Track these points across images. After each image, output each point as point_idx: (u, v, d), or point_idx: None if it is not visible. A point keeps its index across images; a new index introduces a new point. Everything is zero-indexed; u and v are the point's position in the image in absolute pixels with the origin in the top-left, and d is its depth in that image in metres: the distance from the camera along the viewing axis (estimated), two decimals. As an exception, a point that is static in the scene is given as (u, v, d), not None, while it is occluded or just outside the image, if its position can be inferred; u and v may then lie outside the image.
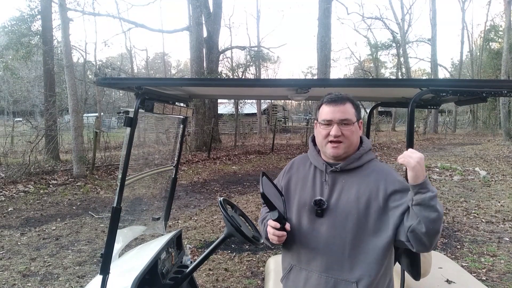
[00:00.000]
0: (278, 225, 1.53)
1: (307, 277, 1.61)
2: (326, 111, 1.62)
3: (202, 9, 16.16)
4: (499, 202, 7.30)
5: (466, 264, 4.36)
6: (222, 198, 2.14)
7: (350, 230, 1.54)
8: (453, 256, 4.62)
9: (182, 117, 2.52)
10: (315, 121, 1.71)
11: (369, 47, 37.28)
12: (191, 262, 2.60)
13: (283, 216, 1.56)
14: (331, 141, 1.60)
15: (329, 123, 1.60)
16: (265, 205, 1.83)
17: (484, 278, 4.00)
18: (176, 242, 2.63)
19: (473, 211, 6.66)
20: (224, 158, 14.32)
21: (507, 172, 10.71)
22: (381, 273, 1.56)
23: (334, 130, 1.58)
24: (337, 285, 1.55)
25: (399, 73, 35.40)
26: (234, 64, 25.51)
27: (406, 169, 1.41)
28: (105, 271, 1.71)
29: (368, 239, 1.54)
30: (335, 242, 1.56)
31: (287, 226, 1.57)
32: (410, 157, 1.39)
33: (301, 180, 1.73)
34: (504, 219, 6.16)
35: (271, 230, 1.57)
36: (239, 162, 13.71)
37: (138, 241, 4.37)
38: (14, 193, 8.06)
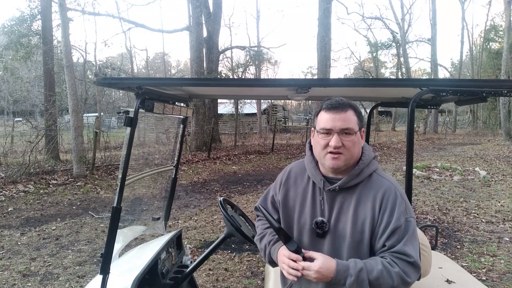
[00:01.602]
0: (300, 257, 1.40)
1: None
2: (325, 119, 1.47)
3: (202, 9, 16.16)
4: (499, 202, 7.30)
5: (466, 264, 4.36)
6: (222, 198, 2.14)
7: (346, 254, 1.47)
8: (453, 256, 4.61)
9: (182, 117, 2.52)
10: (312, 129, 1.56)
11: (369, 47, 37.28)
12: (191, 262, 2.60)
13: (299, 245, 1.44)
14: (330, 152, 1.45)
15: (328, 132, 1.45)
16: (260, 218, 1.78)
17: (484, 278, 4.00)
18: (176, 242, 2.63)
19: (473, 211, 6.66)
20: (224, 158, 14.32)
21: (507, 172, 10.71)
22: None
23: (334, 140, 1.43)
24: None
25: (399, 73, 35.40)
26: (234, 64, 25.51)
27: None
28: (105, 271, 1.71)
29: None
30: None
31: (307, 252, 1.44)
32: (308, 275, 1.37)
33: (300, 196, 1.61)
34: (504, 219, 6.16)
35: (290, 263, 1.43)
36: (239, 162, 13.71)
37: (138, 241, 4.37)
38: (14, 193, 8.05)
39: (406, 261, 1.39)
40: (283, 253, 1.46)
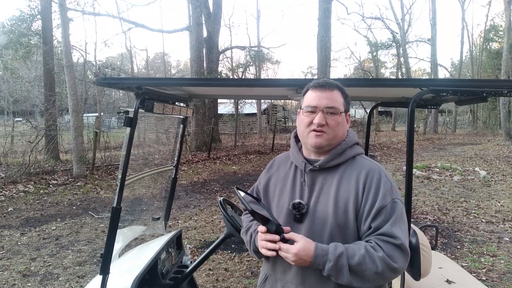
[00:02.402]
0: (277, 237, 1.32)
1: None
2: (311, 97, 1.43)
3: (202, 9, 16.16)
4: (499, 202, 7.30)
5: (466, 264, 4.36)
6: (222, 198, 2.14)
7: (327, 238, 1.38)
8: (453, 256, 4.61)
9: (182, 117, 2.52)
10: (299, 110, 1.52)
11: (369, 47, 37.27)
12: (191, 262, 2.60)
13: (279, 223, 1.36)
14: (314, 130, 1.41)
15: (313, 110, 1.42)
16: (247, 213, 1.70)
17: (484, 278, 4.00)
18: (176, 242, 2.63)
19: (473, 211, 6.66)
20: (224, 158, 14.32)
21: (507, 172, 10.71)
22: None
23: (318, 118, 1.40)
24: None
25: (399, 73, 35.39)
26: (234, 64, 25.50)
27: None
28: (105, 271, 1.71)
29: None
30: None
31: (288, 235, 1.34)
32: (286, 257, 1.31)
33: (281, 181, 1.56)
34: (504, 219, 6.16)
35: (268, 244, 1.34)
36: (239, 162, 13.71)
37: (138, 241, 4.37)
38: (14, 193, 8.05)
39: (392, 244, 1.30)
40: (260, 231, 1.37)
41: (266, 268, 1.56)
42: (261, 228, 1.35)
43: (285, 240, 1.33)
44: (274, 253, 1.34)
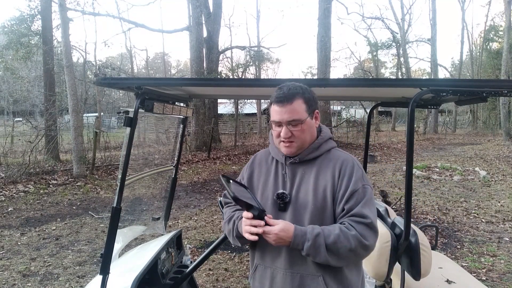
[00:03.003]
0: (262, 222, 1.42)
1: (272, 275, 1.58)
2: (275, 111, 1.55)
3: (202, 9, 16.16)
4: (499, 202, 7.30)
5: (466, 264, 4.36)
6: (222, 198, 2.13)
7: (309, 221, 1.51)
8: (453, 256, 4.61)
9: (182, 117, 2.52)
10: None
11: (369, 47, 37.27)
12: (191, 262, 2.60)
13: (263, 209, 1.46)
14: (283, 141, 1.56)
15: (278, 124, 1.55)
16: (229, 205, 1.78)
17: (484, 278, 4.00)
18: (176, 242, 2.63)
19: (473, 211, 6.66)
20: (224, 158, 14.32)
21: (507, 172, 10.71)
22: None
23: (283, 132, 1.53)
24: (303, 280, 1.52)
25: (399, 73, 35.38)
26: (234, 64, 25.50)
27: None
28: (105, 271, 1.71)
29: None
30: None
31: (269, 219, 1.44)
32: (268, 238, 1.42)
33: (263, 175, 1.69)
34: (504, 219, 6.16)
35: (251, 229, 1.43)
36: (239, 162, 13.71)
37: (138, 241, 4.37)
38: (14, 193, 8.05)
39: (363, 223, 1.45)
40: (244, 217, 1.47)
41: (256, 259, 1.66)
42: (246, 213, 1.45)
43: (267, 225, 1.43)
44: (256, 237, 1.44)
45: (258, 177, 1.70)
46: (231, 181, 1.57)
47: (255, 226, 1.42)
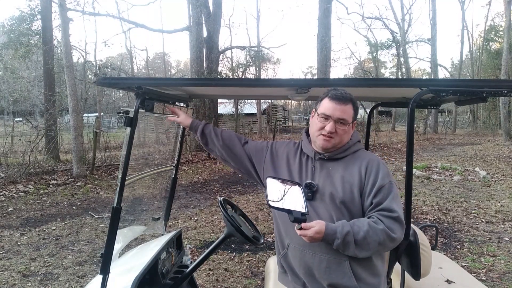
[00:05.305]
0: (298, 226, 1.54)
1: (302, 256, 1.70)
2: (327, 106, 1.66)
3: (202, 9, 16.15)
4: (499, 202, 7.30)
5: (466, 264, 4.36)
6: (222, 198, 2.13)
7: (337, 212, 1.63)
8: (453, 256, 4.61)
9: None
10: (313, 110, 1.76)
11: (369, 47, 37.25)
12: (191, 262, 2.60)
13: (306, 212, 1.53)
14: (323, 135, 1.67)
15: (327, 118, 1.66)
16: None
17: (484, 278, 4.00)
18: (176, 242, 2.63)
19: (473, 211, 6.66)
20: (224, 158, 14.30)
21: (507, 172, 10.71)
22: None
23: (329, 126, 1.65)
24: (330, 264, 1.63)
25: (399, 73, 35.36)
26: (234, 64, 25.50)
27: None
28: (105, 271, 1.71)
29: None
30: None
31: (305, 224, 1.53)
32: (305, 235, 1.53)
33: (291, 162, 1.82)
34: (504, 219, 6.16)
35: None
36: (239, 162, 13.69)
37: (138, 241, 4.37)
38: (14, 193, 8.05)
39: (391, 217, 1.55)
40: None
41: (286, 239, 1.78)
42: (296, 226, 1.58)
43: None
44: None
45: (287, 160, 1.84)
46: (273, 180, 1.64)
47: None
